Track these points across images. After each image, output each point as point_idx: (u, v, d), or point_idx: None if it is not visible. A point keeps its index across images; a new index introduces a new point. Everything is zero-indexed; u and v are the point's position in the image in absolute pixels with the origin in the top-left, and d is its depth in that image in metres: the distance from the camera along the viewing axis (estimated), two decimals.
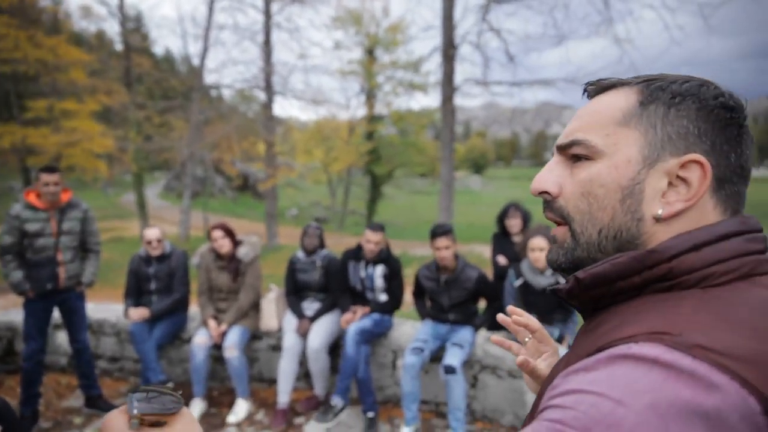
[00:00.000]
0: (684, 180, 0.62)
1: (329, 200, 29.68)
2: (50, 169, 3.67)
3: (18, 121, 18.85)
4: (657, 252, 0.59)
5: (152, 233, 4.16)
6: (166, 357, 4.41)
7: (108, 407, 3.99)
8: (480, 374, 3.71)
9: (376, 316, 3.83)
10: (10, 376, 4.53)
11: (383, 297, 3.97)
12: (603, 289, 0.63)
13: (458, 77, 24.50)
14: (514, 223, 4.30)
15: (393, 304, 3.91)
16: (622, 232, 0.63)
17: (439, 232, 3.59)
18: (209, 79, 20.76)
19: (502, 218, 4.40)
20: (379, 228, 3.91)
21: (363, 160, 22.52)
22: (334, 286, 4.04)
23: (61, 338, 4.66)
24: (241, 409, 3.85)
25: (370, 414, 3.64)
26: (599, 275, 0.62)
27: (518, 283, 3.54)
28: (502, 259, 4.31)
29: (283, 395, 3.77)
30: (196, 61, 20.37)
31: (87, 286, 3.92)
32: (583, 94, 0.73)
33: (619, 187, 0.63)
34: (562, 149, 0.69)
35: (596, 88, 0.71)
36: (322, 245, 4.22)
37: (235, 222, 19.84)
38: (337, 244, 16.16)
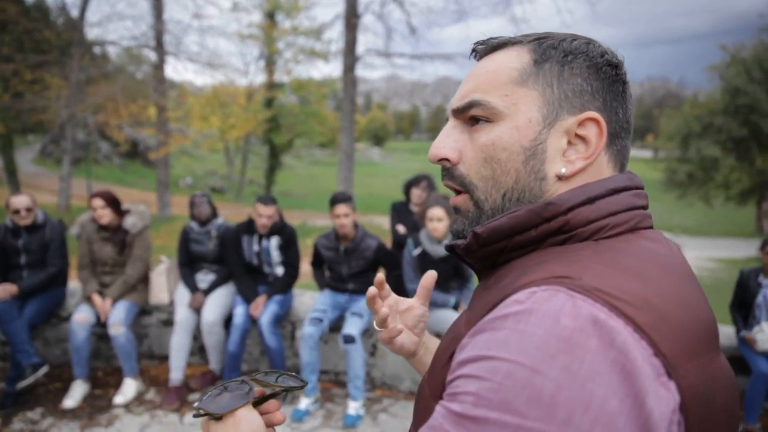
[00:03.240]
0: (582, 138, 0.62)
1: (226, 169, 28.59)
2: None
3: None
4: (554, 204, 0.60)
5: (20, 201, 3.72)
6: (42, 337, 4.03)
7: None
8: (379, 343, 3.76)
9: (278, 297, 3.72)
10: None
11: (280, 270, 3.87)
12: (501, 243, 0.62)
13: (360, 47, 24.35)
14: (418, 194, 4.35)
15: (291, 278, 3.82)
16: (525, 193, 0.63)
17: (339, 199, 3.54)
18: (91, 34, 18.98)
19: (409, 186, 4.43)
20: (271, 201, 3.77)
21: (261, 128, 21.84)
22: (229, 261, 3.86)
23: None
24: (129, 389, 3.62)
25: None
26: (496, 228, 0.61)
27: (417, 252, 3.59)
28: (401, 228, 4.35)
29: (176, 372, 3.59)
30: (75, 13, 18.49)
31: None
32: (472, 54, 0.71)
33: (521, 148, 0.62)
34: (459, 112, 0.66)
35: (486, 48, 0.68)
36: (214, 214, 4.02)
37: (123, 191, 18.53)
38: (235, 215, 15.62)
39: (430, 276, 0.90)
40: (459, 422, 0.47)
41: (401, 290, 3.96)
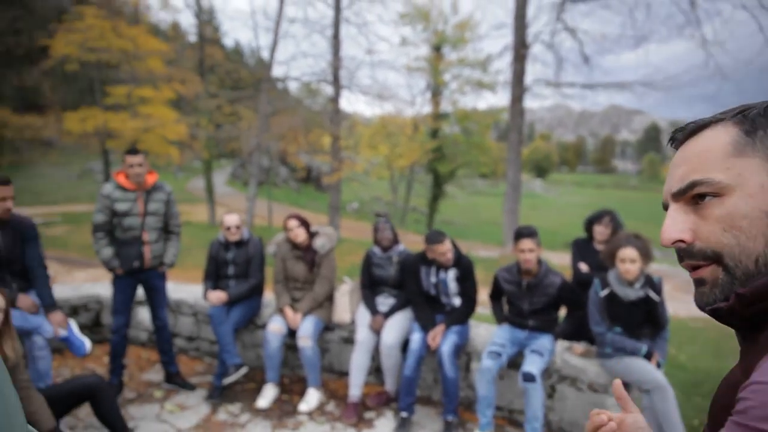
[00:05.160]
0: None
1: (390, 196, 29.76)
2: (133, 151, 3.82)
3: (100, 106, 19.90)
4: None
5: (232, 219, 4.25)
6: (240, 341, 4.51)
7: (185, 384, 4.12)
8: (558, 385, 3.58)
9: (457, 327, 3.74)
10: (97, 345, 4.76)
11: (457, 300, 3.90)
12: (766, 303, 0.64)
13: (528, 78, 23.93)
14: (601, 231, 4.12)
15: (469, 309, 3.83)
16: None
17: (524, 233, 3.49)
18: (278, 71, 21.24)
19: (591, 223, 4.23)
20: (444, 236, 3.78)
21: (426, 158, 22.41)
22: (408, 289, 3.98)
23: (143, 314, 4.86)
24: (312, 398, 3.89)
25: (450, 417, 3.58)
26: (760, 288, 0.63)
27: (604, 293, 3.38)
28: (583, 267, 4.14)
29: (355, 388, 3.77)
30: (265, 54, 20.86)
31: (168, 266, 4.05)
32: (670, 142, 0.76)
33: (762, 213, 0.64)
34: (680, 194, 0.71)
35: (686, 133, 0.73)
36: (396, 240, 4.19)
37: (298, 212, 20.16)
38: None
39: (618, 386, 0.93)
40: (735, 429, 0.57)
41: (583, 332, 3.75)
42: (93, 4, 18.27)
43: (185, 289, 5.13)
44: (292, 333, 4.07)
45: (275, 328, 3.99)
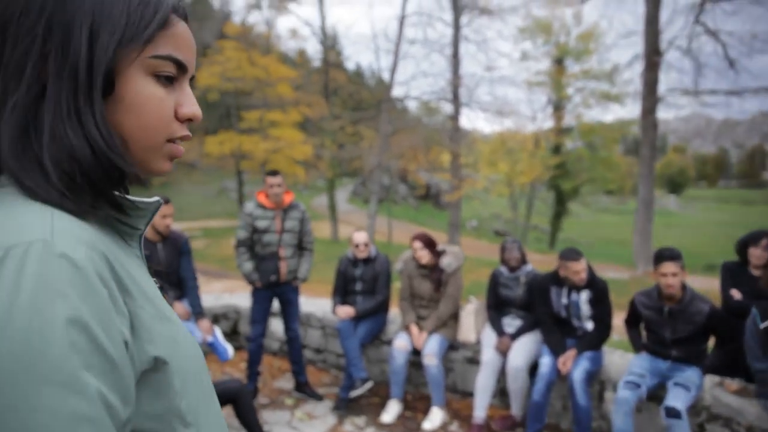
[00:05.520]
0: None
1: (510, 213, 29.12)
2: (273, 173, 4.11)
3: (236, 130, 21.71)
4: None
5: (361, 237, 4.40)
6: (366, 355, 4.63)
7: (313, 394, 4.31)
8: (708, 424, 3.25)
9: (589, 353, 3.55)
10: (235, 352, 5.13)
11: (590, 324, 3.70)
12: None
13: (661, 87, 22.34)
14: (758, 254, 3.71)
15: (603, 334, 3.61)
16: None
17: (667, 255, 3.23)
18: (398, 91, 21.79)
19: (745, 245, 3.82)
20: (580, 254, 3.63)
21: (548, 174, 21.68)
22: (536, 310, 3.85)
23: (276, 325, 5.16)
24: (436, 417, 3.88)
25: None
26: None
27: (765, 325, 3.02)
28: (736, 294, 3.74)
29: (480, 410, 3.70)
30: (386, 75, 21.48)
31: (302, 281, 4.28)
32: None
33: None
34: None
35: None
36: (524, 261, 4.08)
37: (417, 230, 20.38)
38: None
39: None
40: None
41: (738, 366, 3.38)
42: (232, 38, 20.07)
43: (313, 302, 5.38)
44: (417, 350, 4.10)
45: (401, 344, 4.05)
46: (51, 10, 0.57)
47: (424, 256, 4.14)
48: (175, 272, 3.89)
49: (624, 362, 3.72)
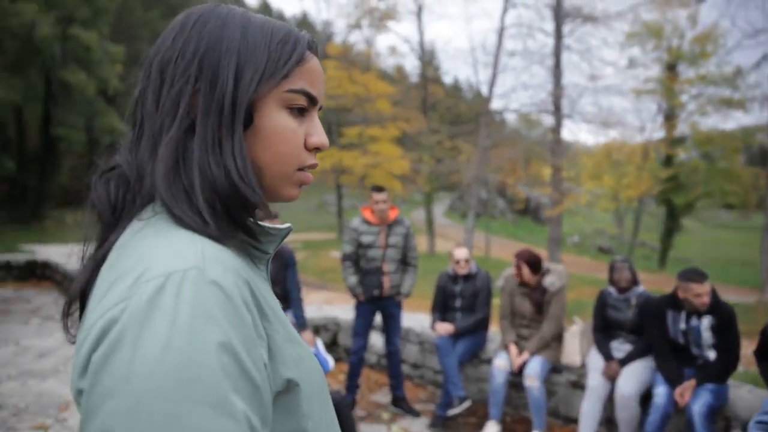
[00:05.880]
0: None
1: (615, 229, 27.58)
2: (379, 189, 4.19)
3: (336, 146, 22.45)
4: None
5: (461, 253, 4.37)
6: (464, 373, 4.56)
7: (410, 410, 4.31)
8: None
9: (711, 386, 3.26)
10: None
11: (712, 353, 3.39)
12: None
13: None
14: None
15: (728, 366, 3.29)
16: None
17: None
18: (497, 104, 21.48)
19: None
20: (704, 276, 3.34)
21: (658, 188, 20.30)
22: (650, 335, 3.59)
23: (374, 338, 5.23)
24: None
25: None
26: None
27: None
28: None
29: None
30: (484, 88, 21.28)
31: (405, 296, 4.32)
32: None
33: None
34: None
35: None
36: (635, 281, 3.84)
37: (515, 245, 19.93)
38: None
39: None
40: None
41: None
42: (333, 58, 20.86)
43: (412, 317, 5.40)
44: (518, 371, 3.98)
45: (500, 364, 3.95)
46: (203, 52, 0.63)
47: (526, 274, 4.03)
48: (280, 284, 4.08)
49: (754, 398, 3.37)
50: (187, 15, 0.67)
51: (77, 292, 0.65)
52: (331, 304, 7.58)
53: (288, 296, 4.13)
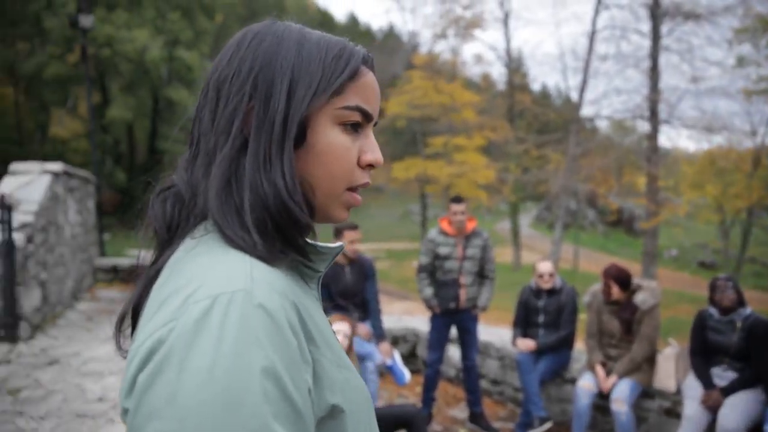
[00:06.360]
0: None
1: (719, 243, 25.49)
2: (458, 200, 4.12)
3: (421, 155, 22.46)
4: None
5: (545, 267, 4.19)
6: (546, 392, 4.35)
7: (488, 428, 4.17)
8: None
9: None
10: (412, 375, 5.21)
11: None
12: None
13: None
14: None
15: None
16: None
17: None
18: (588, 110, 20.58)
19: None
20: None
21: None
22: (761, 364, 3.25)
23: (452, 352, 5.13)
24: None
25: None
26: None
27: None
28: None
29: None
30: (574, 94, 20.50)
31: (482, 309, 4.20)
32: None
33: None
34: None
35: None
36: (741, 302, 3.49)
37: (606, 258, 18.95)
38: None
39: None
40: None
41: None
42: (419, 68, 20.97)
43: (492, 331, 5.26)
44: (603, 393, 3.74)
45: (586, 385, 3.73)
46: (258, 70, 0.63)
47: (615, 292, 3.78)
48: (360, 294, 4.10)
49: None
50: (244, 33, 0.67)
51: (129, 309, 0.66)
52: (412, 315, 7.54)
53: (366, 306, 4.15)
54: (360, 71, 0.66)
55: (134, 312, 0.66)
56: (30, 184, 5.67)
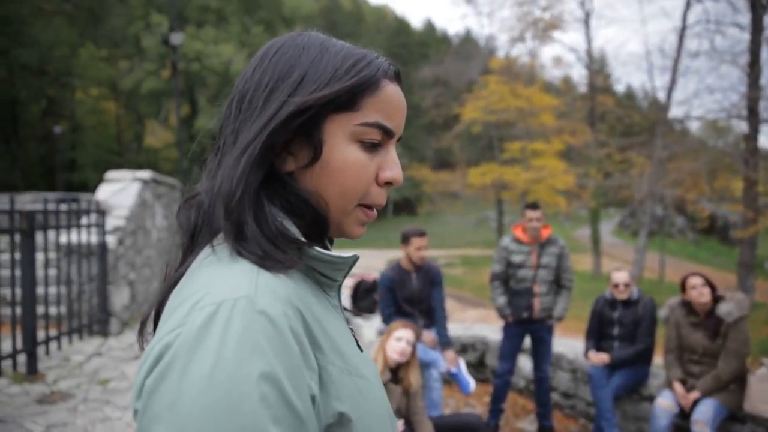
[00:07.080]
0: None
1: None
2: (533, 206, 4.01)
3: (498, 161, 22.07)
4: None
5: (621, 276, 4.00)
6: (621, 409, 4.14)
7: None
8: None
9: None
10: (479, 384, 5.12)
11: None
12: None
13: None
14: None
15: None
16: None
17: None
18: (676, 111, 19.44)
19: None
20: None
21: None
22: None
23: (523, 362, 5.00)
24: None
25: None
26: None
27: None
28: None
29: None
30: (661, 95, 19.38)
31: (557, 320, 4.06)
32: None
33: None
34: None
35: None
36: None
37: (696, 268, 17.66)
38: None
39: None
40: None
41: None
42: (496, 72, 20.64)
43: (565, 342, 5.07)
44: (685, 412, 3.50)
45: (665, 404, 3.51)
46: (275, 82, 0.64)
47: (705, 294, 3.52)
48: (426, 301, 4.08)
49: None
50: (269, 46, 0.69)
51: (152, 312, 0.69)
52: (484, 323, 7.42)
53: (432, 314, 4.13)
54: (380, 83, 0.65)
55: (156, 315, 0.68)
56: (122, 190, 6.12)
